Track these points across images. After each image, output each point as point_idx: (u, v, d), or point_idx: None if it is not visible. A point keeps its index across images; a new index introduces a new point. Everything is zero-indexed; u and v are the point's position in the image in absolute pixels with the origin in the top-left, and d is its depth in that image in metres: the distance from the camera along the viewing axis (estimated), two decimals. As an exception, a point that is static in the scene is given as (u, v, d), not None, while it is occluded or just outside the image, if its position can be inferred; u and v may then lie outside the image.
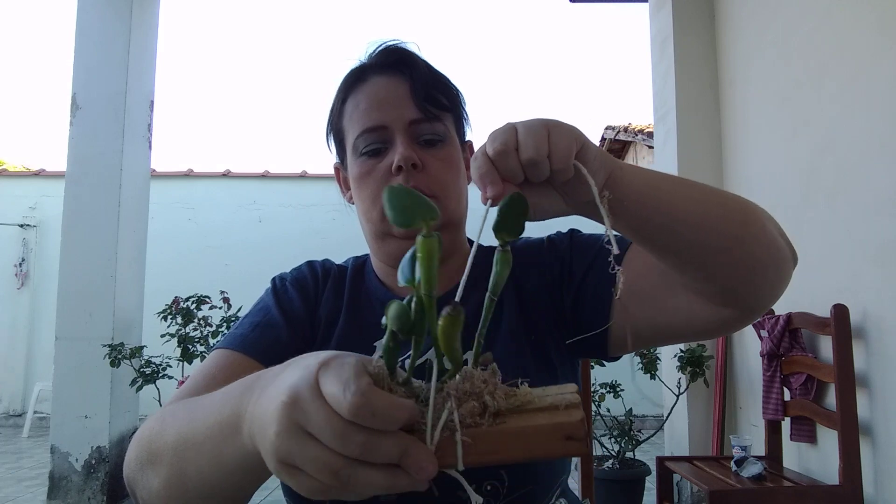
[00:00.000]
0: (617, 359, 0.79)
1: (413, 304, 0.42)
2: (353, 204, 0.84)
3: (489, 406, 0.39)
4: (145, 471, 0.56)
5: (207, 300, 3.74)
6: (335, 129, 0.84)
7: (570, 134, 0.52)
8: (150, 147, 3.90)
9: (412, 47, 0.82)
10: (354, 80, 0.81)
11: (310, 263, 0.88)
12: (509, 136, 0.51)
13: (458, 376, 0.41)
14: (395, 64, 0.79)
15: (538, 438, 0.38)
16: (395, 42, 0.82)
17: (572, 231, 0.83)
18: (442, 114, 0.79)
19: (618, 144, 9.87)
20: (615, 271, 0.50)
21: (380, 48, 0.82)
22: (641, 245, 0.63)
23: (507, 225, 0.48)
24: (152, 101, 3.91)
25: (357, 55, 0.83)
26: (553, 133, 0.51)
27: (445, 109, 0.80)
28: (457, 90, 0.84)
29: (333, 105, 0.84)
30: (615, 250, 0.48)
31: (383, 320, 0.42)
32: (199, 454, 0.50)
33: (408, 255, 0.44)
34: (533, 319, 0.78)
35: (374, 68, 0.80)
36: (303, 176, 6.58)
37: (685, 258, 0.62)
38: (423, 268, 0.41)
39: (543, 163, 0.51)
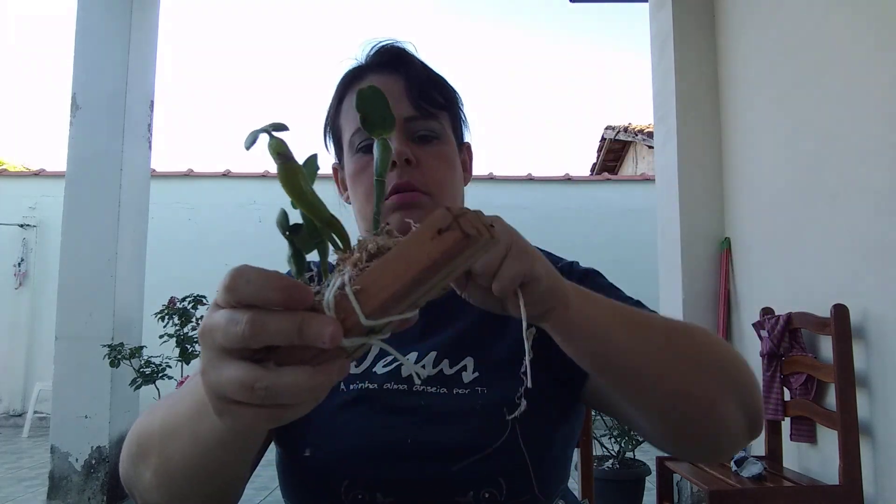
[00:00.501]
0: (588, 405, 0.80)
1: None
2: (349, 204, 0.84)
3: (371, 250, 0.38)
4: (138, 466, 0.57)
5: (204, 300, 3.73)
6: (332, 128, 0.85)
7: (523, 264, 0.50)
8: (150, 147, 3.90)
9: (408, 47, 0.83)
10: (351, 80, 0.82)
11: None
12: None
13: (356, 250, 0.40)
14: (390, 63, 0.80)
15: (415, 248, 0.36)
16: (391, 42, 0.82)
17: (594, 275, 0.81)
18: (437, 112, 0.79)
19: (618, 144, 9.88)
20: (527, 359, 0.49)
21: (376, 48, 0.82)
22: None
23: (375, 122, 0.45)
24: (152, 101, 3.91)
25: (354, 55, 0.83)
26: (509, 256, 0.50)
27: (440, 107, 0.80)
28: (453, 90, 0.84)
29: (330, 105, 0.84)
30: (528, 383, 0.48)
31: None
32: (181, 437, 0.51)
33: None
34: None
35: (371, 67, 0.81)
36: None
37: (637, 407, 0.63)
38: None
39: (487, 278, 0.50)
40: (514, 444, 0.68)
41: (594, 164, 10.64)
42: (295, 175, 0.40)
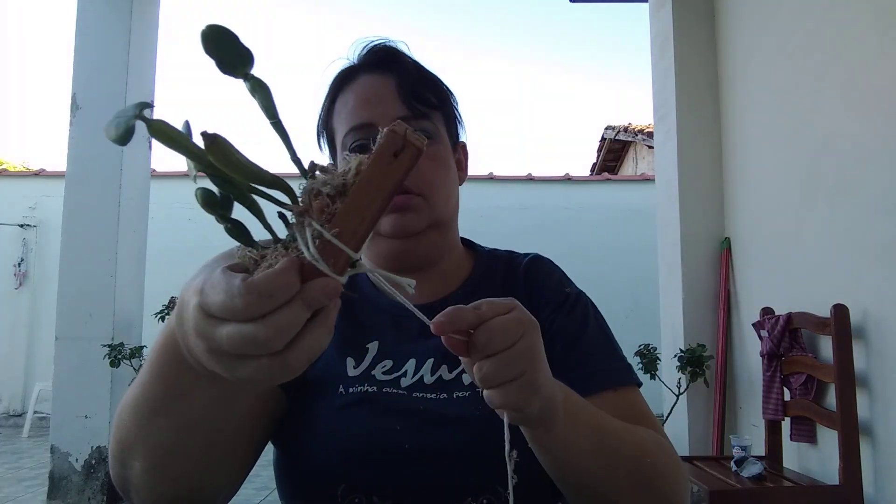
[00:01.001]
0: None
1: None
2: None
3: (330, 192, 0.39)
4: (126, 463, 0.56)
5: (205, 300, 3.73)
6: (326, 128, 0.84)
7: (521, 397, 0.50)
8: (150, 147, 3.90)
9: (400, 46, 0.82)
10: (343, 80, 0.81)
11: None
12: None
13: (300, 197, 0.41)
14: (382, 62, 0.79)
15: (377, 176, 0.38)
16: (382, 41, 0.82)
17: (587, 307, 0.80)
18: (430, 111, 0.79)
19: (618, 144, 9.88)
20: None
21: (368, 47, 0.82)
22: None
23: (229, 62, 0.40)
24: (152, 102, 3.91)
25: (346, 55, 0.83)
26: (516, 383, 0.49)
27: (433, 107, 0.79)
28: (446, 89, 0.83)
29: (323, 105, 0.84)
30: None
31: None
32: (153, 401, 0.51)
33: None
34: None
35: (363, 67, 0.80)
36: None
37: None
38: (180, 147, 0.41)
39: (483, 384, 0.50)
40: (512, 450, 0.67)
41: (594, 164, 10.64)
42: (228, 148, 0.39)
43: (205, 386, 0.47)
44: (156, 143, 3.96)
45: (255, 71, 0.41)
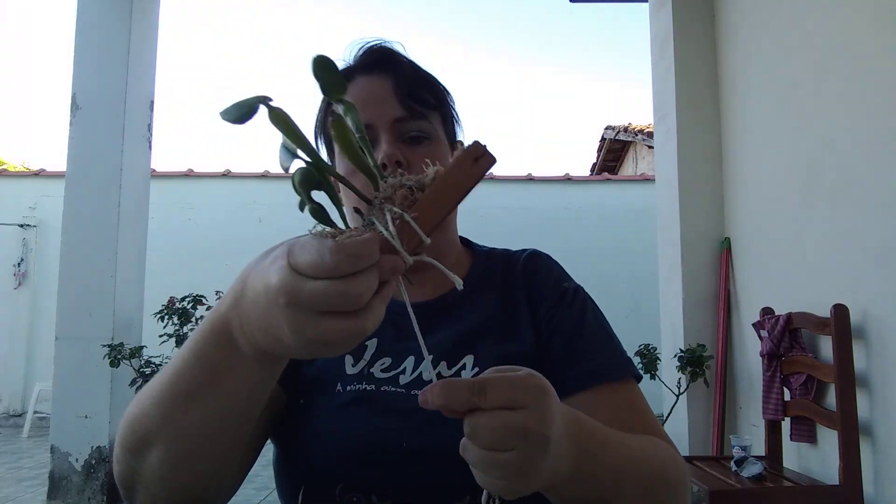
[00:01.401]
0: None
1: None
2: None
3: (413, 184, 0.46)
4: (139, 454, 0.55)
5: (203, 300, 3.73)
6: (323, 130, 0.84)
7: (533, 483, 0.47)
8: (150, 147, 3.90)
9: (396, 46, 0.82)
10: None
11: None
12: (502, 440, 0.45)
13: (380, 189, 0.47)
14: (378, 63, 0.79)
15: (458, 174, 0.45)
16: (378, 42, 0.82)
17: (584, 302, 0.81)
18: (427, 112, 0.79)
19: (618, 144, 9.88)
20: None
21: (364, 49, 0.82)
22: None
23: (331, 86, 0.48)
24: (152, 101, 3.91)
25: (342, 57, 0.82)
26: (517, 453, 0.45)
27: (430, 107, 0.79)
28: (443, 89, 0.83)
29: (320, 107, 0.84)
30: None
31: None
32: (189, 385, 0.51)
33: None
34: (531, 325, 0.79)
35: (359, 69, 0.80)
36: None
37: None
38: (292, 136, 0.46)
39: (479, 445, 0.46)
40: None
41: (594, 164, 10.64)
42: (345, 128, 0.47)
43: (248, 370, 0.49)
44: (156, 143, 3.96)
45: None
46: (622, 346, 0.78)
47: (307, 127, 0.87)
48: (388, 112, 0.76)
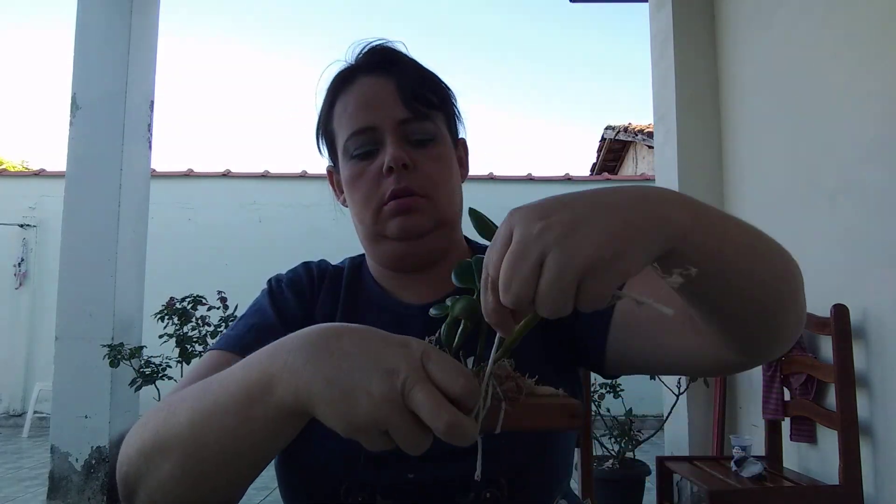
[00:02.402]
0: (616, 377, 0.80)
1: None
2: (346, 207, 0.84)
3: (522, 387, 0.49)
4: (152, 460, 0.55)
5: (203, 301, 3.73)
6: (325, 131, 0.83)
7: (610, 279, 0.41)
8: (150, 147, 3.90)
9: (399, 46, 0.82)
10: (342, 83, 0.80)
11: (305, 265, 0.88)
12: (526, 289, 0.42)
13: (490, 364, 0.49)
14: (381, 64, 0.79)
15: (553, 413, 0.49)
16: (380, 42, 0.81)
17: None
18: (431, 112, 0.78)
19: (618, 144, 9.88)
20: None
21: (366, 49, 0.81)
22: (686, 301, 0.57)
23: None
24: (152, 101, 3.91)
25: (344, 56, 0.82)
26: (588, 282, 0.41)
27: (435, 108, 0.79)
28: (446, 87, 0.83)
29: (322, 108, 0.83)
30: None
31: (435, 311, 0.53)
32: (225, 421, 0.51)
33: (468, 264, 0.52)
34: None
35: (361, 69, 0.79)
36: (303, 176, 6.58)
37: (722, 319, 0.57)
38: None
39: (564, 313, 0.43)
40: (516, 443, 0.67)
41: (594, 164, 10.64)
42: (531, 325, 0.48)
43: (289, 427, 0.51)
44: (156, 143, 3.95)
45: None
46: None
47: (308, 128, 0.87)
48: (392, 114, 0.76)
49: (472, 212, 0.54)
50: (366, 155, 0.77)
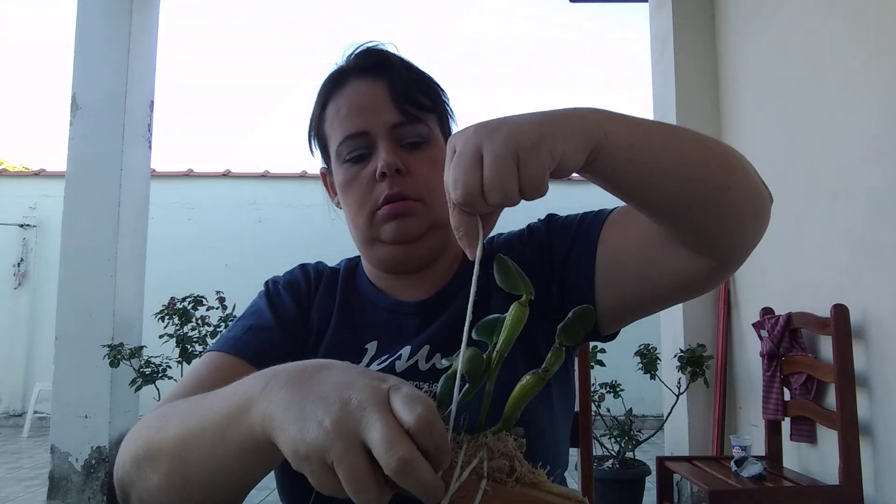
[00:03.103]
0: (613, 336, 0.78)
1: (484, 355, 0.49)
2: (341, 209, 0.83)
3: (516, 470, 0.43)
4: (142, 469, 0.55)
5: (203, 301, 3.73)
6: (317, 134, 0.83)
7: (542, 157, 0.49)
8: (150, 147, 3.90)
9: (390, 48, 0.81)
10: (333, 85, 0.80)
11: (302, 266, 0.88)
12: (471, 178, 0.49)
13: (490, 434, 0.45)
14: (373, 66, 0.78)
15: (548, 498, 0.42)
16: (372, 44, 0.81)
17: (549, 217, 0.84)
18: (424, 114, 0.78)
19: (618, 144, 9.88)
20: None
21: (357, 51, 0.81)
22: (625, 201, 0.62)
23: (571, 332, 0.52)
24: (152, 102, 3.91)
25: (335, 59, 0.82)
26: (523, 162, 0.48)
27: (427, 110, 0.78)
28: (438, 87, 0.82)
29: (314, 111, 0.83)
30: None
31: (446, 362, 0.50)
32: (203, 441, 0.50)
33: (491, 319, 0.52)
34: None
35: (353, 72, 0.79)
36: (303, 176, 6.58)
37: (670, 211, 0.61)
38: (507, 330, 0.48)
39: (514, 200, 0.49)
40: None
41: (594, 164, 10.63)
42: (534, 391, 0.49)
43: (258, 458, 0.48)
44: (156, 143, 3.95)
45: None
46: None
47: (303, 128, 0.87)
48: (385, 118, 0.75)
49: (499, 259, 0.54)
50: (359, 159, 0.76)
